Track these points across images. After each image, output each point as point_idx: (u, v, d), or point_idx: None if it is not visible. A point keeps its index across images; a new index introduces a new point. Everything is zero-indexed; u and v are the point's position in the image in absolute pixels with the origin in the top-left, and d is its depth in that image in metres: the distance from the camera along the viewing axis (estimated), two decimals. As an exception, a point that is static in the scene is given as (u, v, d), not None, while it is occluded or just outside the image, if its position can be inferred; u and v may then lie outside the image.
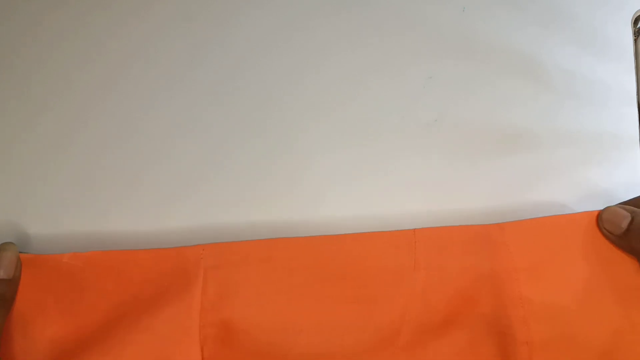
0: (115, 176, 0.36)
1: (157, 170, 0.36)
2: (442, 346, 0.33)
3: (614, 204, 0.35)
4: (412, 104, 0.38)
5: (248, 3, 0.38)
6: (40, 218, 0.35)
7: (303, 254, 0.33)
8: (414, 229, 0.33)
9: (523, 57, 0.38)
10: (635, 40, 0.39)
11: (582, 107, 0.39)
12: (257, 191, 0.36)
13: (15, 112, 0.36)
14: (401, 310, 0.32)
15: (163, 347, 0.31)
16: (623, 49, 0.39)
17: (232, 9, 0.38)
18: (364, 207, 0.36)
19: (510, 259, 0.33)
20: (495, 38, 0.39)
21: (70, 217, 0.35)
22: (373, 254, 0.33)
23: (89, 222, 0.35)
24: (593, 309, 0.33)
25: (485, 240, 0.33)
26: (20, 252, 0.32)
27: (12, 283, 0.31)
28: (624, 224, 0.32)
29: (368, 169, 0.37)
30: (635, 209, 0.33)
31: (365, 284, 0.33)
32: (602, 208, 0.34)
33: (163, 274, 0.32)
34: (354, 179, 0.37)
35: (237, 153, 0.36)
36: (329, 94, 0.38)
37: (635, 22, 0.39)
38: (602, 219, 0.33)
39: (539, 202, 0.37)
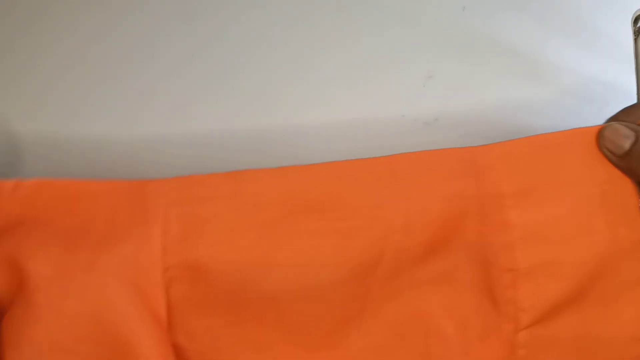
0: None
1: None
2: (424, 274, 0.31)
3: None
4: (412, 103, 0.38)
5: None
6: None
7: (274, 186, 0.30)
8: (393, 154, 0.31)
9: (523, 56, 0.38)
10: (635, 40, 0.39)
11: (582, 106, 0.39)
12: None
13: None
14: (381, 241, 0.30)
15: (117, 293, 0.28)
16: (623, 49, 0.39)
17: None
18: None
19: (497, 183, 0.30)
20: (495, 37, 0.39)
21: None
22: (350, 184, 0.30)
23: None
24: (582, 235, 0.30)
25: (470, 163, 0.31)
26: None
27: None
28: (627, 143, 0.30)
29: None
30: None
31: (342, 216, 0.30)
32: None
33: (117, 210, 0.29)
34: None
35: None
36: (329, 94, 0.38)
37: (635, 22, 0.39)
38: (603, 137, 0.30)
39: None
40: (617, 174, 0.31)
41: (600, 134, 0.31)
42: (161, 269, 0.29)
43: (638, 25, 0.39)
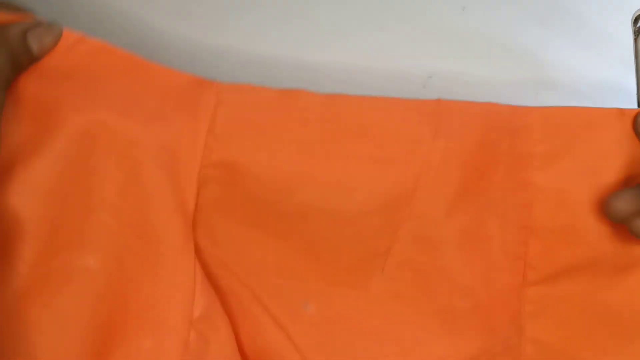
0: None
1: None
2: (448, 221, 0.32)
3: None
4: (412, 103, 0.38)
5: None
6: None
7: (322, 107, 0.31)
8: (439, 98, 0.32)
9: (523, 56, 0.38)
10: (635, 40, 0.39)
11: (582, 106, 0.39)
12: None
13: None
14: (416, 176, 0.31)
15: (152, 175, 0.29)
16: (623, 48, 0.39)
17: None
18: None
19: (529, 143, 0.31)
20: (495, 37, 0.39)
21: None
22: (395, 117, 0.31)
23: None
24: (601, 209, 0.31)
25: (508, 120, 0.32)
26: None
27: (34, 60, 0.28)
28: None
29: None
30: None
31: (382, 145, 0.31)
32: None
33: (170, 97, 0.30)
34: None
35: None
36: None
37: (635, 22, 0.39)
38: (637, 122, 0.31)
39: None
40: None
41: (635, 119, 0.31)
42: (199, 165, 0.30)
43: (638, 25, 0.39)
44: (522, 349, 0.32)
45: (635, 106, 0.39)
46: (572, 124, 0.32)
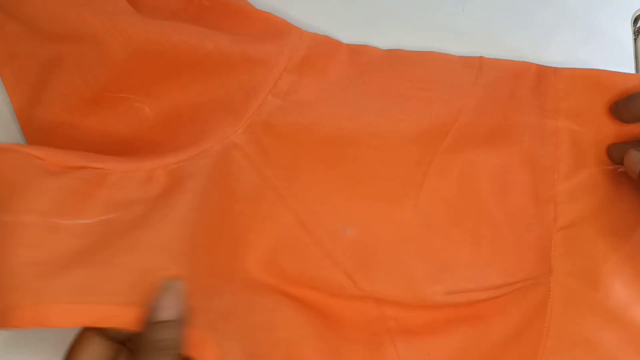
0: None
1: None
2: (476, 162, 0.35)
3: None
4: (412, 103, 0.38)
5: None
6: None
7: (381, 61, 0.37)
8: (481, 56, 0.37)
9: (523, 57, 0.38)
10: (635, 40, 0.39)
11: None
12: None
13: None
14: (455, 114, 0.35)
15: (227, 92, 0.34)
16: (623, 49, 0.39)
17: None
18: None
19: (556, 99, 0.36)
20: (495, 37, 0.39)
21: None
22: (442, 65, 0.37)
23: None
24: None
25: (539, 77, 0.36)
26: None
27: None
28: (638, 168, 0.33)
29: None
30: None
31: (428, 86, 0.36)
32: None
33: (265, 31, 0.35)
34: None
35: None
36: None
37: (635, 22, 0.39)
38: (624, 164, 0.34)
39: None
40: None
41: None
42: (271, 85, 0.35)
43: (638, 25, 0.39)
44: (550, 289, 0.34)
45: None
46: (594, 84, 0.35)
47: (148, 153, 0.32)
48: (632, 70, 0.39)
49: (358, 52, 0.37)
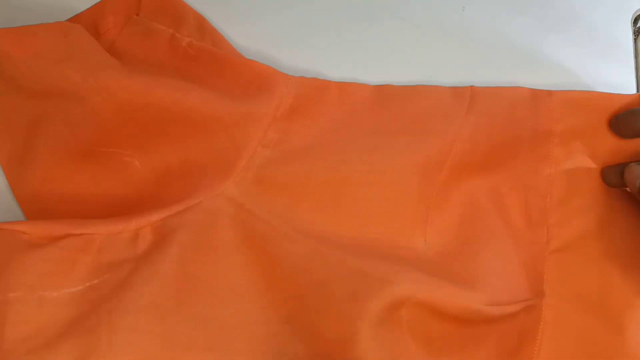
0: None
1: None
2: (474, 187, 0.35)
3: None
4: (413, 103, 0.38)
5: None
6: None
7: (371, 100, 0.36)
8: (471, 86, 0.37)
9: (523, 57, 0.38)
10: (635, 40, 0.39)
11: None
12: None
13: None
14: (450, 143, 0.35)
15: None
16: (623, 49, 0.39)
17: None
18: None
19: (550, 122, 0.35)
20: (495, 37, 0.39)
21: None
22: (432, 97, 0.36)
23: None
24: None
25: (533, 101, 0.36)
26: None
27: None
28: (639, 182, 0.33)
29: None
30: None
31: (421, 120, 0.36)
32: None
33: (251, 84, 0.35)
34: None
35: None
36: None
37: (635, 22, 0.39)
38: (624, 177, 0.33)
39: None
40: None
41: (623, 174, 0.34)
42: (260, 136, 0.34)
43: (638, 25, 0.39)
44: (542, 312, 0.33)
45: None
46: (588, 108, 0.35)
47: (136, 210, 0.32)
48: (632, 70, 0.39)
49: (347, 92, 0.36)
